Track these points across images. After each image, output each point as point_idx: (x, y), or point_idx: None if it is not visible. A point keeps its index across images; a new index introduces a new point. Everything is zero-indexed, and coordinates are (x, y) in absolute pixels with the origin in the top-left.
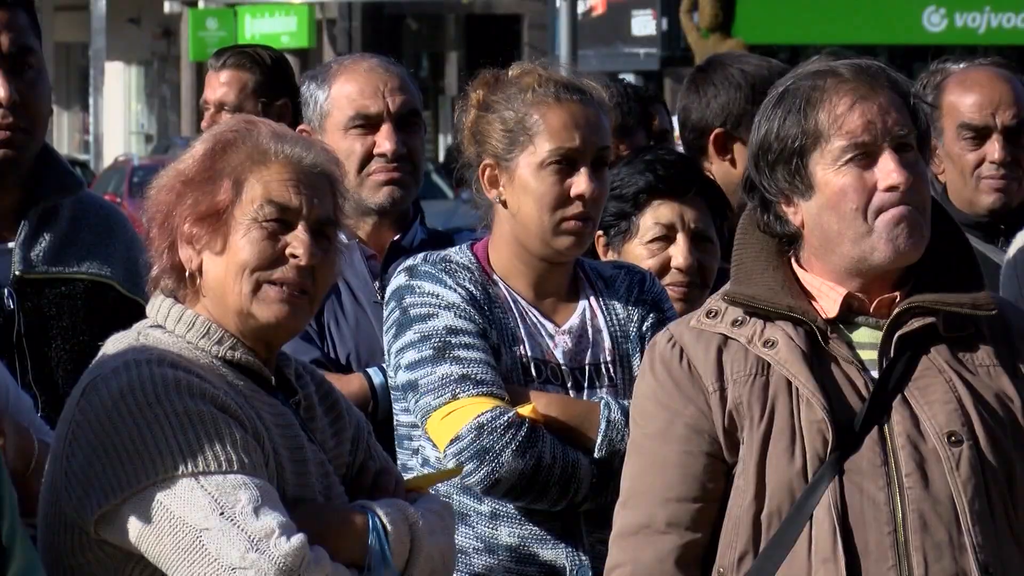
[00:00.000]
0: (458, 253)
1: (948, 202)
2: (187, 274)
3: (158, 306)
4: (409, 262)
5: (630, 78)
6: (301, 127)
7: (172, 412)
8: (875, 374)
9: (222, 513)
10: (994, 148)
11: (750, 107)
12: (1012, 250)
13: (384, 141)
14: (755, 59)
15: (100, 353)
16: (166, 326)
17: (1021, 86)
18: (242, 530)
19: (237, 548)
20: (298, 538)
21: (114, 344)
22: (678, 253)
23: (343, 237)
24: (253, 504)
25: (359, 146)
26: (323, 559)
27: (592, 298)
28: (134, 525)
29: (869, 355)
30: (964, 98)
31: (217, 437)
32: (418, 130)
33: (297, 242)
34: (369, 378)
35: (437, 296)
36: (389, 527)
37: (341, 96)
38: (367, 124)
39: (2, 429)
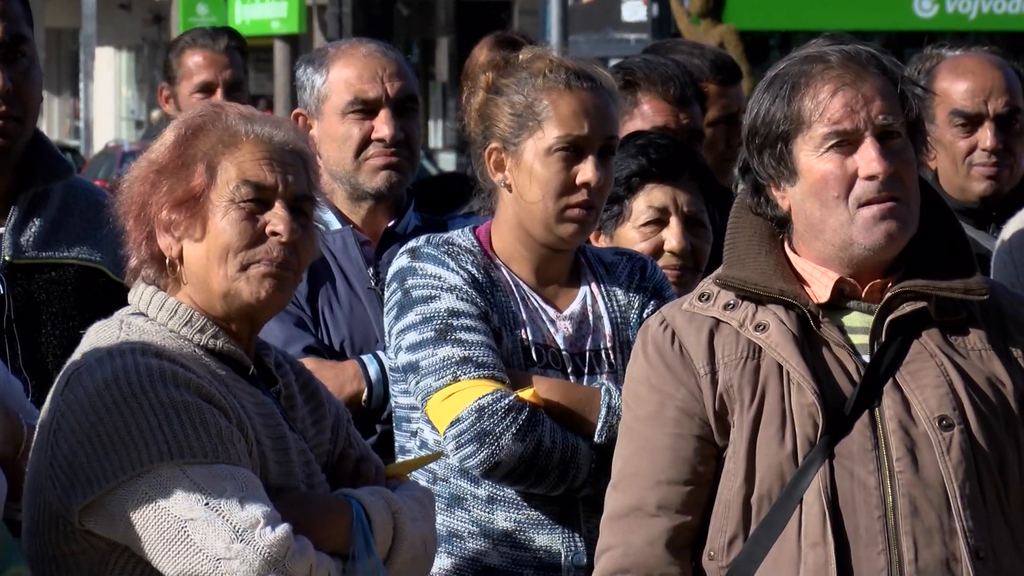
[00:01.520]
0: (461, 236)
1: (939, 188)
2: (167, 262)
3: (140, 294)
4: (412, 244)
5: None
6: (296, 111)
7: (157, 402)
8: (866, 358)
9: (207, 503)
10: (986, 135)
11: None
12: (1006, 235)
13: (383, 126)
14: (688, 47)
15: (83, 342)
16: (148, 314)
17: (1013, 73)
18: (227, 520)
19: (222, 538)
20: (283, 528)
21: (96, 333)
22: (671, 236)
23: (335, 221)
24: (238, 494)
25: (357, 130)
26: (307, 549)
27: (593, 284)
28: (119, 515)
29: (861, 339)
30: (956, 85)
31: (202, 427)
32: (415, 116)
33: (276, 219)
34: (363, 365)
35: (439, 278)
36: (372, 515)
37: (339, 80)
38: (365, 109)
39: None
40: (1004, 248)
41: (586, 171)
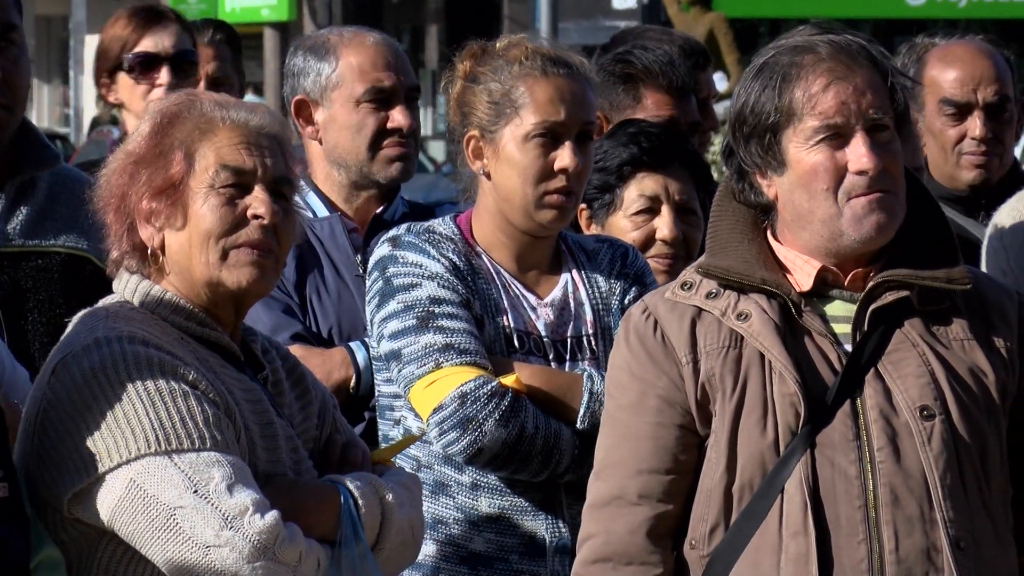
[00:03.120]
0: (441, 224)
1: (929, 176)
2: (149, 253)
3: (125, 282)
4: (392, 232)
5: None
6: (298, 97)
7: (144, 390)
8: (849, 348)
9: (196, 491)
10: (975, 124)
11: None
12: (997, 221)
13: (400, 117)
14: (657, 33)
15: (68, 330)
16: (134, 302)
17: (1003, 61)
18: (216, 508)
19: (211, 526)
20: (272, 515)
21: (82, 321)
22: (663, 225)
23: (323, 208)
24: (227, 481)
25: (373, 120)
26: (297, 535)
27: (574, 271)
28: (108, 504)
29: (843, 329)
30: (946, 73)
31: (189, 414)
32: (417, 106)
33: (257, 202)
34: (351, 352)
35: (420, 266)
36: (360, 501)
37: (352, 69)
38: (381, 98)
39: None
40: (995, 235)
41: (564, 157)
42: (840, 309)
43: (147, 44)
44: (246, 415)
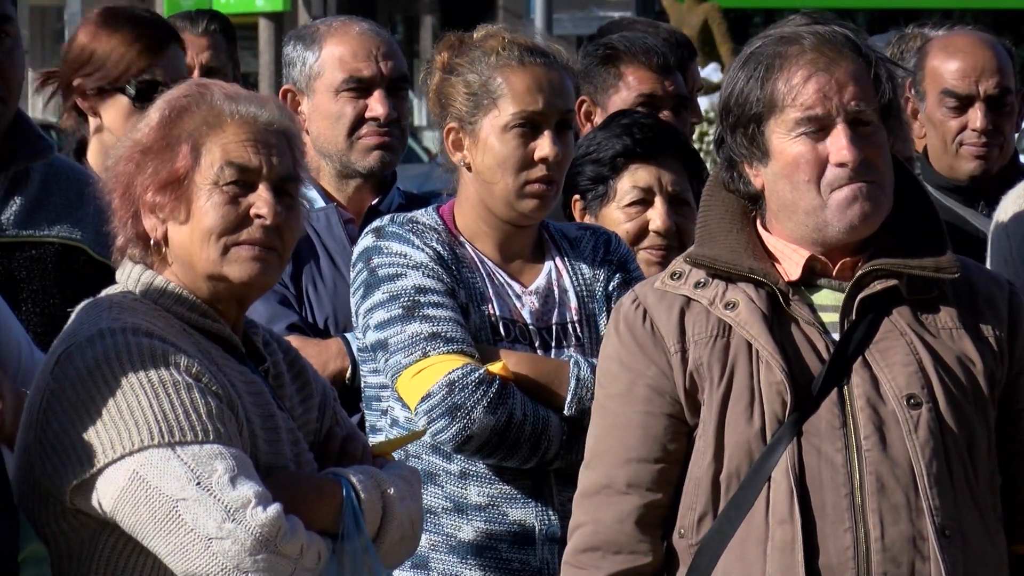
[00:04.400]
0: (425, 215)
1: (928, 166)
2: (152, 243)
3: (128, 272)
4: (376, 223)
5: None
6: (285, 87)
7: (148, 381)
8: (836, 336)
9: (198, 483)
10: (976, 116)
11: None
12: (1001, 209)
13: (377, 105)
14: (644, 25)
15: (71, 320)
16: (137, 293)
17: (1004, 52)
18: (218, 500)
19: (214, 518)
20: (274, 508)
21: (86, 311)
22: (656, 216)
23: (319, 199)
24: (229, 474)
25: (350, 109)
26: (299, 528)
27: (558, 259)
28: (110, 495)
29: (831, 317)
30: (947, 64)
31: (192, 407)
32: (406, 96)
33: (261, 202)
34: (347, 343)
35: (405, 256)
36: (363, 495)
37: (333, 58)
38: (359, 87)
39: (1, 393)
40: (1000, 223)
41: (543, 146)
42: (828, 298)
43: (158, 72)
44: (248, 407)
